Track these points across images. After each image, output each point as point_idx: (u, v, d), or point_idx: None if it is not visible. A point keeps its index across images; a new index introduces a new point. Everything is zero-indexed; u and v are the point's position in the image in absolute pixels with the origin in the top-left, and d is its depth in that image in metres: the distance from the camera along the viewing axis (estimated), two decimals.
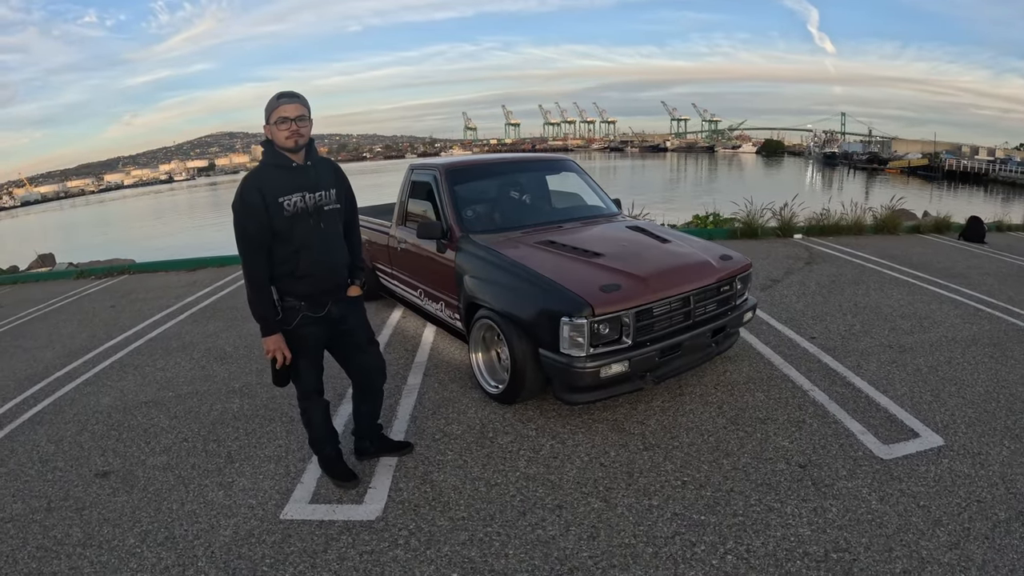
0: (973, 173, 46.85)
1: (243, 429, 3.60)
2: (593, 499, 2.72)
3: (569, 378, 3.09)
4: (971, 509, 2.56)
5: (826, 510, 2.58)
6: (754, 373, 3.99)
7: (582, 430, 3.31)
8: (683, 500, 2.69)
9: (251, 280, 2.51)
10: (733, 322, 3.73)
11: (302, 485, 2.94)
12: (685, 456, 3.03)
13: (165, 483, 3.07)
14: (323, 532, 2.58)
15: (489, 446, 3.20)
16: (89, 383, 4.64)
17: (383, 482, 2.91)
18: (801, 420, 3.35)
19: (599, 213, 4.67)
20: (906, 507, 2.58)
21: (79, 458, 3.42)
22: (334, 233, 2.65)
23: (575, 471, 2.94)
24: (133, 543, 2.61)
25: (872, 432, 3.19)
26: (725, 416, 3.42)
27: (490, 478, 2.92)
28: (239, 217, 2.44)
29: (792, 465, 2.91)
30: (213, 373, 4.60)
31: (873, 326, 4.88)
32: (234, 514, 2.75)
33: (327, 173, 2.64)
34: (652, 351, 3.19)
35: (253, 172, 2.51)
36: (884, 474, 2.82)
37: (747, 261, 3.85)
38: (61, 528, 2.76)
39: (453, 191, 4.15)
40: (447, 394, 3.86)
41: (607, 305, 3.04)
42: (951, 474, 2.81)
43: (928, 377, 3.88)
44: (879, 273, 6.71)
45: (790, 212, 9.67)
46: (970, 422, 3.29)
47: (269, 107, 2.47)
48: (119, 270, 9.82)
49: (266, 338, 2.56)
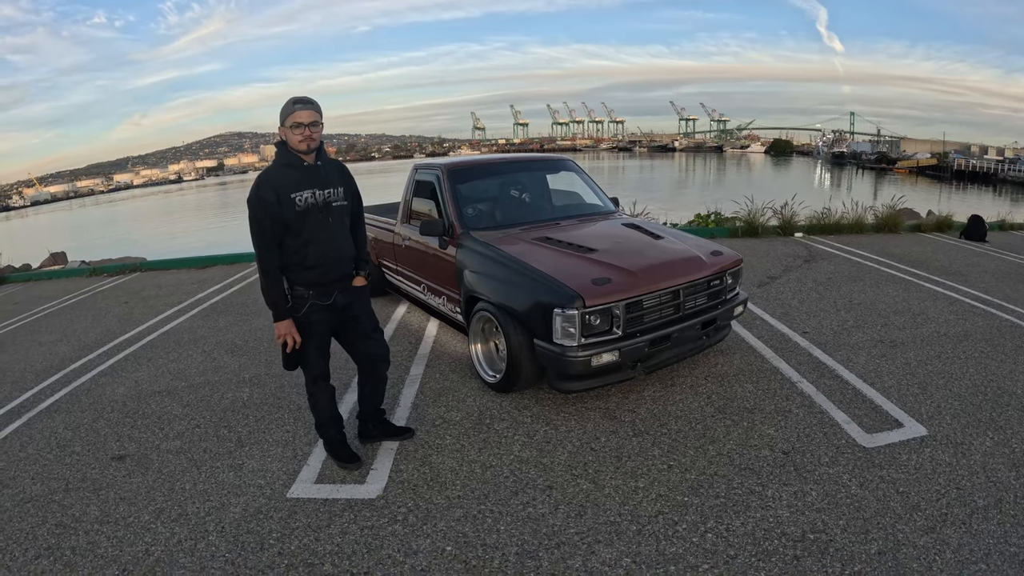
0: (982, 173, 46.44)
1: (253, 416, 3.76)
2: (582, 480, 2.86)
3: (562, 366, 3.23)
4: (949, 496, 2.62)
5: (806, 494, 2.67)
6: (744, 365, 4.09)
7: (575, 417, 3.45)
8: (668, 482, 2.81)
9: (264, 269, 2.70)
10: (723, 315, 3.83)
11: (308, 467, 3.10)
12: (672, 442, 3.15)
13: (178, 466, 3.24)
14: (327, 509, 2.74)
15: (486, 431, 3.35)
16: (104, 374, 4.82)
17: (384, 464, 3.07)
18: (787, 410, 3.44)
19: (596, 211, 4.80)
20: (885, 493, 2.66)
21: (95, 443, 3.59)
22: (341, 227, 2.84)
23: (566, 455, 3.07)
24: (148, 519, 2.77)
25: (856, 422, 3.27)
26: (714, 405, 3.53)
27: (485, 461, 3.06)
28: (254, 211, 2.63)
29: (776, 452, 3.01)
30: (224, 364, 4.78)
31: (866, 322, 4.94)
32: (244, 493, 2.92)
33: (335, 173, 2.85)
34: (642, 342, 3.32)
35: (267, 170, 2.71)
36: (865, 461, 2.90)
37: (737, 257, 3.94)
38: (79, 507, 2.92)
39: (455, 190, 4.30)
40: (447, 383, 4.01)
41: (598, 297, 3.18)
42: (932, 462, 2.88)
43: (917, 371, 3.95)
44: (876, 271, 6.76)
45: (791, 211, 9.73)
46: (955, 413, 3.36)
47: (284, 112, 2.66)
48: (131, 268, 10.05)
49: (278, 323, 2.74)
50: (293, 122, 2.62)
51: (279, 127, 2.69)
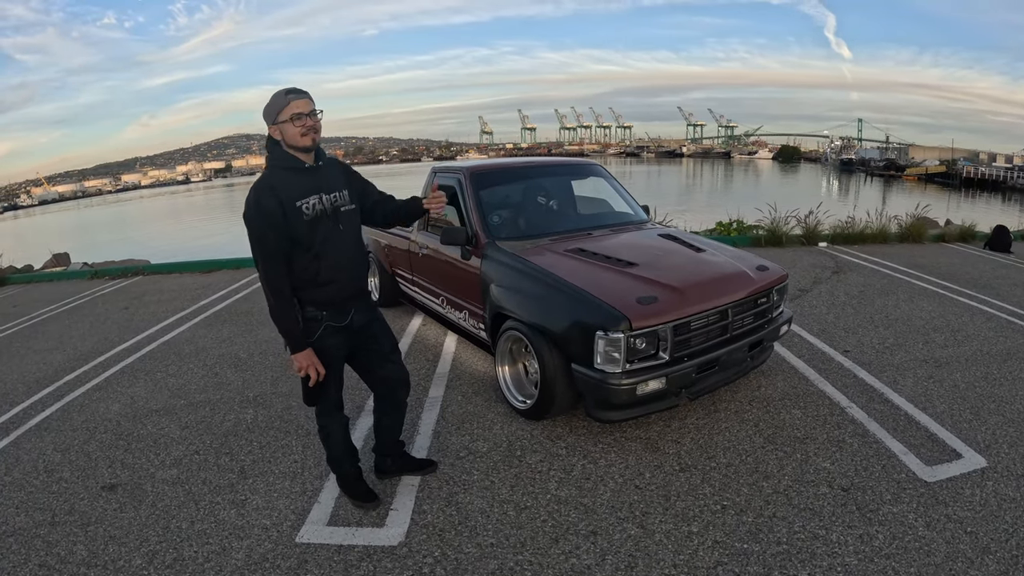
0: (991, 180, 46.11)
1: (257, 442, 3.45)
2: (629, 524, 2.55)
3: (604, 395, 2.91)
4: (1018, 535, 2.42)
5: (872, 537, 2.43)
6: (789, 388, 3.81)
7: (614, 449, 3.13)
8: (724, 526, 2.52)
9: (274, 291, 2.33)
10: (770, 335, 3.54)
11: (319, 505, 2.78)
12: (723, 478, 2.86)
13: (175, 499, 2.93)
14: (342, 558, 2.42)
15: (517, 465, 3.03)
16: (99, 388, 4.52)
17: (405, 503, 2.75)
18: (841, 439, 3.18)
19: (628, 220, 4.49)
20: (953, 533, 2.44)
21: (86, 469, 3.30)
22: (353, 235, 2.50)
23: (609, 494, 2.76)
24: (140, 564, 2.47)
25: (914, 452, 3.04)
26: (762, 435, 3.24)
27: (519, 501, 2.74)
28: (256, 225, 2.26)
29: (835, 488, 2.75)
30: (227, 380, 4.47)
31: (907, 339, 4.71)
32: (247, 535, 2.60)
33: (338, 173, 2.50)
34: (689, 367, 3.00)
35: (265, 177, 2.33)
36: (929, 498, 2.67)
37: (783, 272, 3.67)
38: (65, 545, 2.63)
39: (479, 195, 4.00)
40: (471, 408, 3.70)
41: (645, 319, 2.86)
42: (996, 497, 2.66)
43: (966, 394, 3.72)
44: (908, 283, 6.52)
45: (815, 220, 9.44)
46: (1012, 442, 3.14)
47: (276, 105, 2.29)
48: (133, 271, 9.76)
49: (296, 355, 2.37)
50: (292, 113, 2.25)
51: (271, 126, 2.32)
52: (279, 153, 2.34)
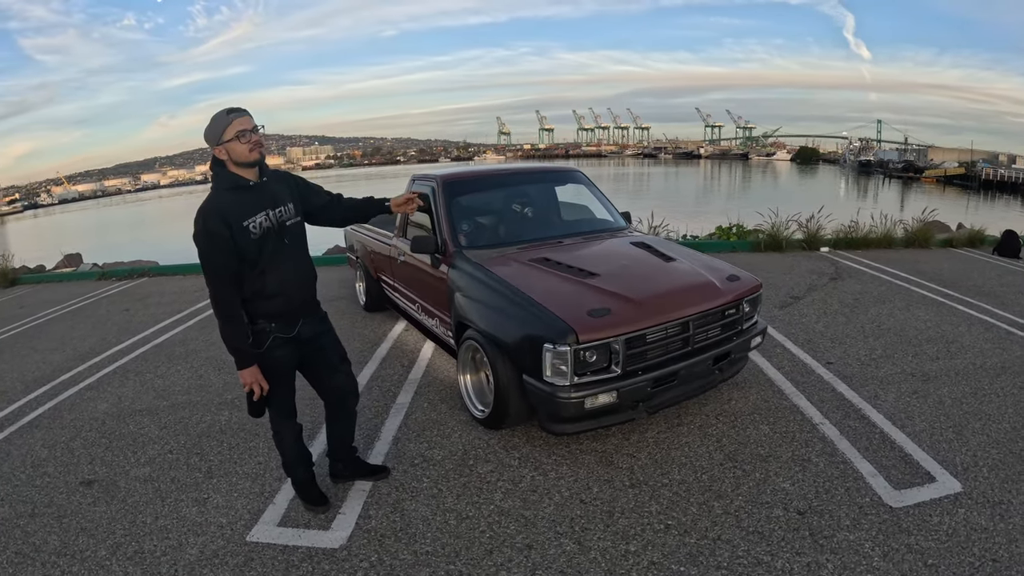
0: (1011, 183, 44.68)
1: (227, 443, 3.55)
2: (566, 540, 2.55)
3: (553, 408, 2.92)
4: (984, 571, 2.27)
5: (821, 566, 2.32)
6: (761, 402, 3.73)
7: (567, 461, 3.14)
8: (664, 547, 2.48)
9: (222, 312, 2.40)
10: (739, 348, 3.46)
11: (274, 506, 2.87)
12: (673, 496, 2.82)
13: (144, 496, 3.05)
14: (285, 558, 2.50)
15: (467, 474, 3.07)
16: (91, 388, 4.68)
17: (353, 508, 2.81)
18: (807, 458, 3.08)
19: (604, 228, 4.46)
20: (911, 566, 2.31)
21: (68, 465, 3.45)
22: (299, 248, 2.57)
23: (552, 507, 2.77)
24: (104, 555, 2.60)
25: (883, 475, 2.90)
26: (723, 451, 3.18)
27: (462, 510, 2.78)
28: (204, 249, 2.33)
29: (790, 511, 2.66)
30: (209, 382, 4.58)
31: (896, 351, 4.58)
32: (203, 532, 2.71)
33: (282, 187, 2.55)
34: (644, 380, 2.98)
35: (210, 200, 2.38)
36: (891, 525, 2.55)
37: (756, 282, 3.59)
38: (40, 535, 2.78)
39: (449, 204, 4.03)
40: (435, 415, 3.74)
41: (593, 331, 2.86)
42: (966, 527, 2.52)
43: (951, 411, 3.57)
44: (907, 291, 6.35)
45: (816, 224, 9.30)
46: (993, 465, 2.99)
47: (219, 125, 2.34)
48: (139, 272, 9.97)
49: (243, 371, 2.44)
50: (237, 130, 2.30)
51: (216, 147, 2.36)
52: (224, 174, 2.39)
